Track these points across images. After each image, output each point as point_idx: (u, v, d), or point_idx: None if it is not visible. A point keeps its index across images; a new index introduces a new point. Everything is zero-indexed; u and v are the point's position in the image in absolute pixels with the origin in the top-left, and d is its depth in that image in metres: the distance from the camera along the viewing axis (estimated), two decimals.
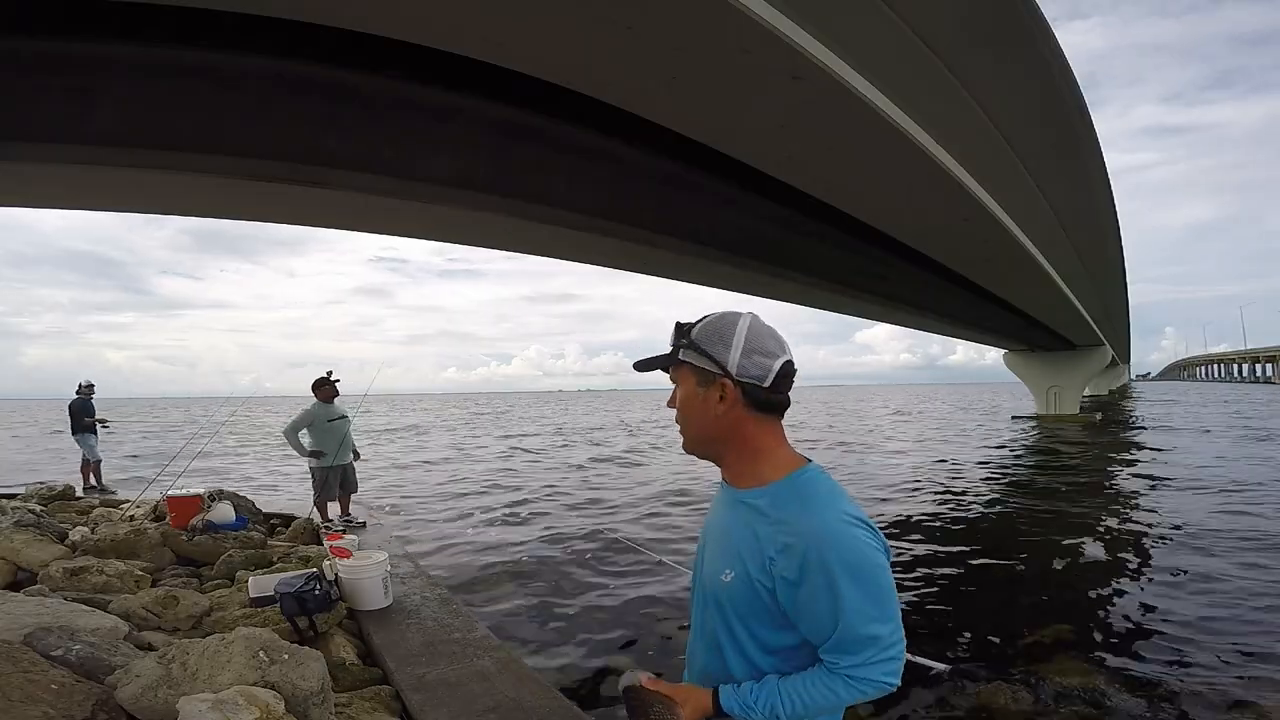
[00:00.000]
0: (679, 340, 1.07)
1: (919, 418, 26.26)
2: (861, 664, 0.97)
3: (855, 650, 0.96)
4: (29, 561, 4.28)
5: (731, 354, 1.03)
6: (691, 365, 1.06)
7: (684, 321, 1.09)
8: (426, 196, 5.35)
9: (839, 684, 0.98)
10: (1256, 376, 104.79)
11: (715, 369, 1.04)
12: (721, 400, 1.04)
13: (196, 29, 3.49)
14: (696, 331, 1.06)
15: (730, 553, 1.05)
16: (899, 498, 10.70)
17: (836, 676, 0.98)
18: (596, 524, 8.63)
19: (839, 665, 0.98)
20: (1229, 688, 3.92)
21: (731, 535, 1.07)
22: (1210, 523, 8.19)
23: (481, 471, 14.96)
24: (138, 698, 2.18)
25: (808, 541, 0.95)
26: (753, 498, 1.05)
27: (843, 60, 4.06)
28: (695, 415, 1.07)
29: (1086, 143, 7.16)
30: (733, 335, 1.03)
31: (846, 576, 0.94)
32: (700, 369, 1.05)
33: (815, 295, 11.81)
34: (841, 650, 0.97)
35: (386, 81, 4.10)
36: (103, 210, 5.66)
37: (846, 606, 0.94)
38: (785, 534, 0.98)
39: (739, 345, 1.03)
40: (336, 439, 6.29)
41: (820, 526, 0.96)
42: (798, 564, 0.95)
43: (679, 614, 5.22)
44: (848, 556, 0.95)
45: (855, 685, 0.98)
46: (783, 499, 1.02)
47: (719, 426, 1.06)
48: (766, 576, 0.99)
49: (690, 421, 1.09)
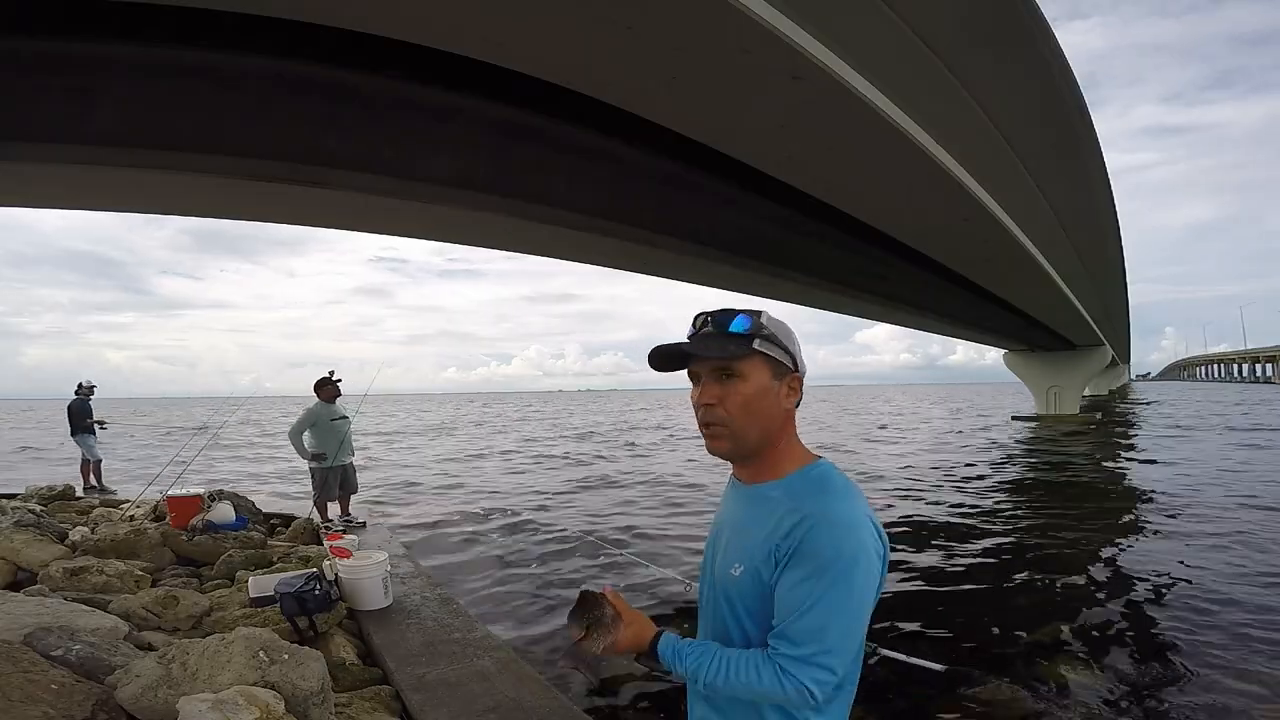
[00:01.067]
0: (756, 330, 1.02)
1: (910, 430, 26.08)
2: (799, 659, 0.93)
3: (800, 641, 0.93)
4: (29, 561, 4.28)
5: (793, 348, 1.04)
6: (766, 356, 1.02)
7: (715, 312, 1.05)
8: (426, 196, 5.35)
9: (767, 669, 0.95)
10: (1256, 376, 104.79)
11: (789, 362, 1.04)
12: (790, 394, 1.05)
13: (196, 29, 3.49)
14: (768, 323, 1.03)
15: (743, 547, 1.05)
16: (898, 498, 10.70)
17: (769, 662, 0.95)
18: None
19: (777, 651, 0.95)
20: (1230, 688, 3.92)
21: (746, 529, 1.06)
22: (1211, 522, 8.19)
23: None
24: (138, 698, 2.18)
25: (816, 518, 0.95)
26: (769, 489, 1.05)
27: (843, 60, 4.06)
28: (764, 410, 1.02)
29: (1086, 142, 7.16)
30: (788, 330, 1.05)
31: (833, 567, 0.92)
32: (777, 361, 1.03)
33: (815, 295, 11.82)
34: (787, 637, 0.94)
35: (386, 81, 4.10)
36: (103, 210, 5.66)
37: (818, 596, 0.92)
38: (796, 514, 0.97)
39: (794, 340, 1.05)
40: (337, 439, 6.30)
41: (829, 512, 0.96)
42: (801, 538, 0.95)
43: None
44: (843, 550, 0.93)
45: (781, 677, 0.94)
46: (797, 488, 1.02)
47: (779, 421, 1.05)
48: (770, 565, 0.99)
49: (757, 417, 1.02)
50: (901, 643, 4.44)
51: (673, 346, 1.04)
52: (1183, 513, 8.86)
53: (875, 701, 3.57)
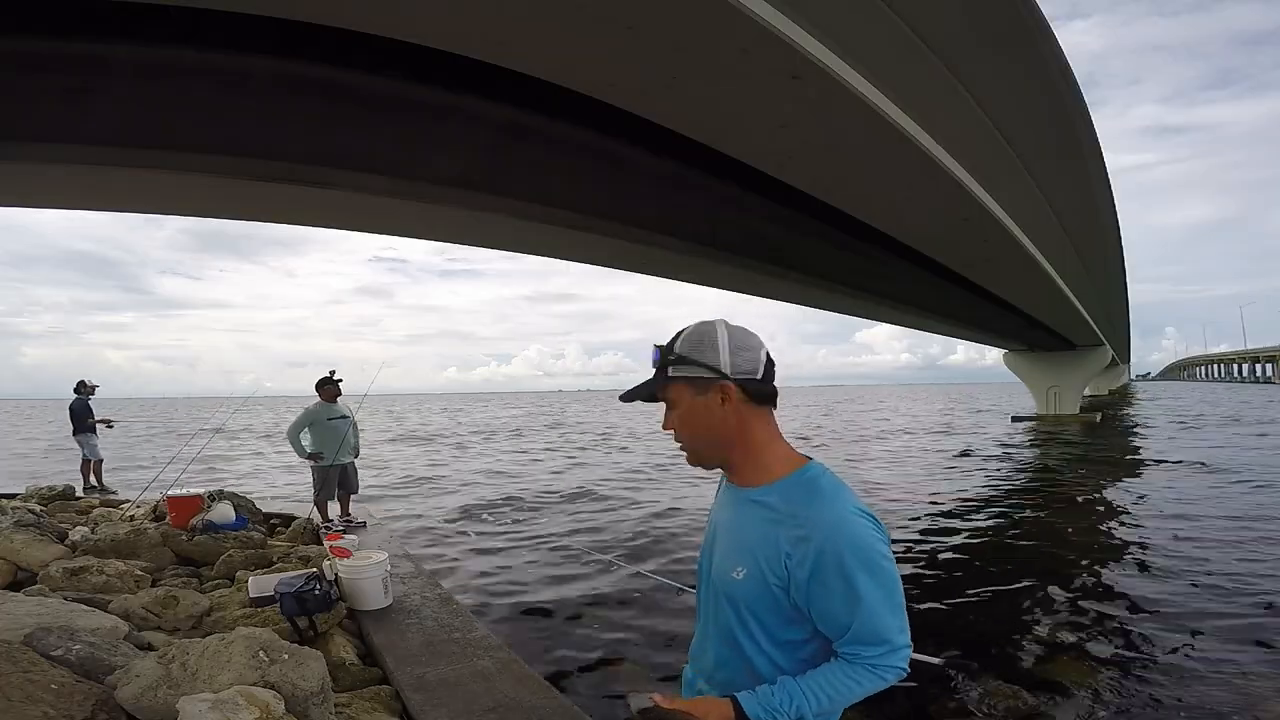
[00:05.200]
0: (664, 360, 1.08)
1: (909, 431, 25.87)
2: (883, 653, 0.99)
3: (875, 641, 0.98)
4: (29, 561, 4.27)
5: (722, 355, 1.05)
6: (684, 379, 1.07)
7: (662, 343, 1.11)
8: (426, 196, 5.35)
9: (863, 674, 1.00)
10: (1257, 376, 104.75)
11: (710, 374, 1.05)
12: (724, 402, 1.06)
13: (196, 29, 3.49)
14: (680, 345, 1.07)
15: (742, 550, 1.06)
16: (895, 499, 10.70)
17: (858, 667, 1.00)
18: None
19: (860, 656, 1.00)
20: (1230, 688, 3.92)
21: (742, 533, 1.08)
22: (1212, 522, 8.19)
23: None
24: (138, 698, 2.17)
25: (822, 535, 0.98)
26: (761, 495, 1.07)
27: (843, 60, 4.06)
28: (701, 425, 1.08)
29: (1086, 142, 7.16)
30: (716, 338, 1.06)
31: (861, 570, 0.96)
32: (693, 379, 1.06)
33: (815, 295, 11.83)
34: (861, 641, 0.99)
35: (386, 81, 4.09)
36: (102, 210, 5.67)
37: (864, 599, 0.96)
38: (798, 527, 1.00)
39: (725, 345, 1.05)
40: (336, 438, 6.30)
41: (832, 520, 0.99)
42: (812, 558, 0.97)
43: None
44: (860, 550, 0.97)
45: (878, 674, 1.00)
46: (791, 494, 1.04)
47: (726, 429, 1.07)
48: (780, 572, 1.01)
49: (697, 433, 1.09)
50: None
51: (624, 394, 1.16)
52: (1185, 512, 8.85)
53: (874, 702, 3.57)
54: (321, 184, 4.90)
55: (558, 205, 5.88)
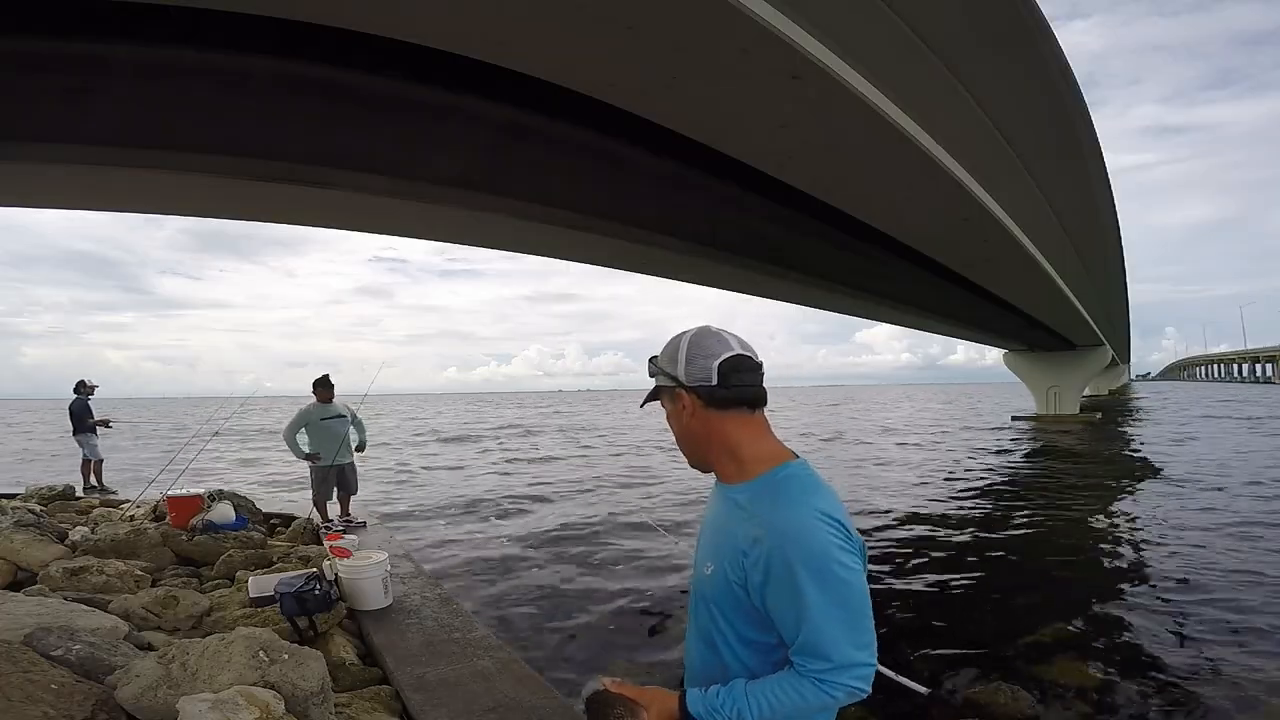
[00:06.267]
0: (651, 371, 1.16)
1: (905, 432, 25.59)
2: (830, 668, 0.94)
3: (821, 654, 0.94)
4: (29, 561, 4.27)
5: (679, 365, 1.10)
6: (663, 388, 1.15)
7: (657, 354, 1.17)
8: (427, 196, 5.35)
9: (806, 687, 0.96)
10: (1257, 377, 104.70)
11: (671, 383, 1.12)
12: (684, 409, 1.11)
13: (196, 29, 3.49)
14: (660, 356, 1.15)
15: (713, 547, 1.09)
16: (896, 498, 10.70)
17: (805, 679, 0.96)
18: None
19: (806, 668, 0.96)
20: (1230, 688, 3.92)
21: (716, 529, 1.10)
22: (1212, 521, 8.19)
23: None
24: (138, 698, 2.17)
25: (773, 536, 0.97)
26: (735, 492, 1.08)
27: (843, 60, 4.06)
28: (678, 430, 1.14)
29: (1086, 142, 7.16)
30: (679, 349, 1.11)
31: (809, 576, 0.93)
32: (667, 389, 1.13)
33: (815, 295, 11.83)
34: (807, 653, 0.95)
35: (386, 81, 4.09)
36: (102, 210, 5.66)
37: (810, 607, 0.93)
38: (755, 527, 0.99)
39: (683, 356, 1.10)
40: (331, 438, 6.32)
41: (786, 521, 0.97)
42: (764, 559, 0.97)
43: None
44: (811, 555, 0.94)
45: (823, 689, 0.95)
46: (759, 493, 1.04)
47: (694, 433, 1.12)
48: (738, 570, 1.01)
49: (679, 437, 1.15)
50: (898, 645, 4.44)
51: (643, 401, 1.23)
52: (1184, 512, 8.85)
53: (875, 702, 3.57)
54: (321, 184, 4.90)
55: (558, 205, 5.88)
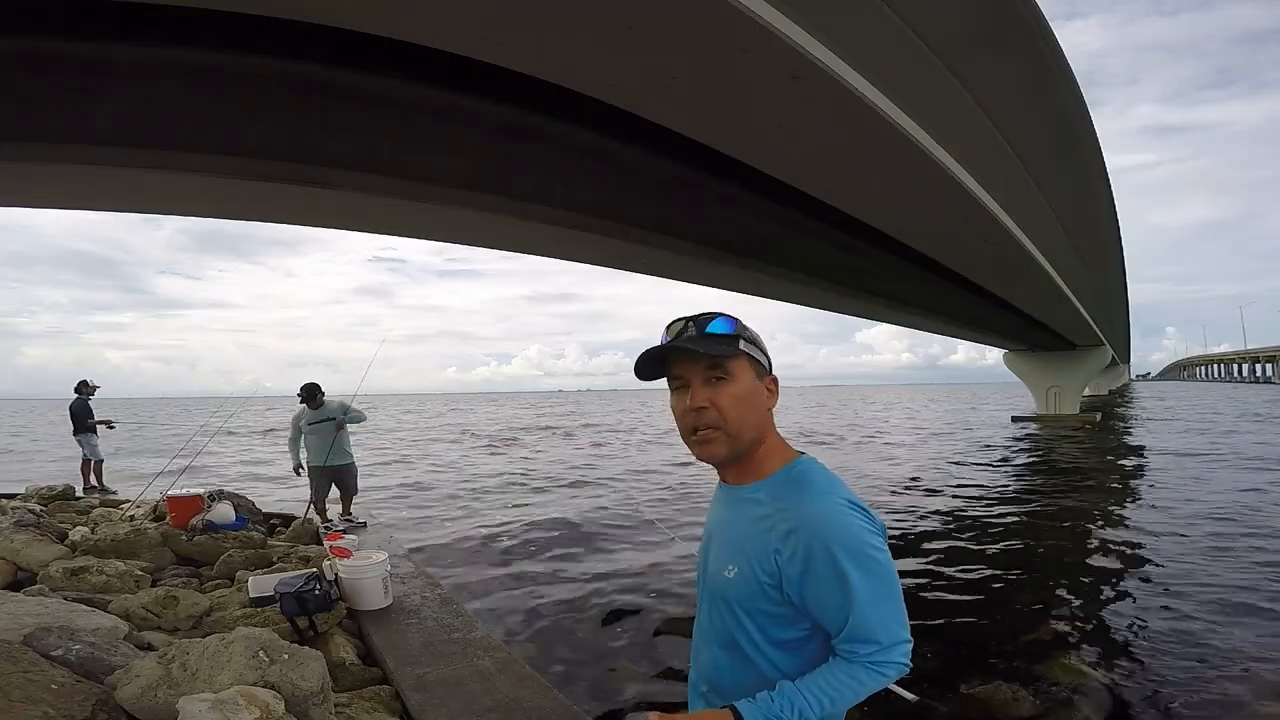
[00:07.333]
0: (737, 330, 1.04)
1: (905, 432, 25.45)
2: (880, 649, 0.96)
3: (871, 638, 0.96)
4: (29, 561, 4.27)
5: (767, 351, 1.07)
6: (750, 357, 1.04)
7: (694, 316, 1.05)
8: (426, 196, 5.35)
9: (861, 672, 0.97)
10: (1257, 377, 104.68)
11: (767, 364, 1.07)
12: (770, 395, 1.07)
13: (196, 29, 3.49)
14: (745, 330, 1.05)
15: (733, 548, 1.06)
16: (895, 498, 10.70)
17: (857, 665, 0.97)
18: None
19: (858, 654, 0.97)
20: (1230, 688, 3.92)
21: (733, 531, 1.07)
22: (1211, 520, 8.19)
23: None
24: (138, 698, 2.17)
25: (809, 528, 0.96)
26: (751, 492, 1.06)
27: (843, 60, 4.06)
28: (752, 410, 1.03)
29: (1086, 142, 7.17)
30: (754, 333, 1.07)
31: (852, 563, 0.94)
32: (759, 362, 1.06)
33: (815, 295, 11.82)
34: (857, 639, 0.96)
35: (386, 81, 4.10)
36: (103, 210, 5.67)
37: (856, 594, 0.94)
38: (786, 521, 0.98)
39: (762, 342, 1.08)
40: (320, 441, 6.39)
41: (819, 512, 0.97)
42: (802, 552, 0.96)
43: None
44: (850, 543, 0.95)
45: (877, 671, 0.97)
46: (780, 489, 1.03)
47: (764, 422, 1.06)
48: (770, 568, 0.99)
49: (746, 415, 1.03)
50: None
51: (662, 347, 1.03)
52: (1183, 512, 8.85)
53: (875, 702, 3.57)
54: (321, 184, 4.90)
55: (558, 205, 5.88)
